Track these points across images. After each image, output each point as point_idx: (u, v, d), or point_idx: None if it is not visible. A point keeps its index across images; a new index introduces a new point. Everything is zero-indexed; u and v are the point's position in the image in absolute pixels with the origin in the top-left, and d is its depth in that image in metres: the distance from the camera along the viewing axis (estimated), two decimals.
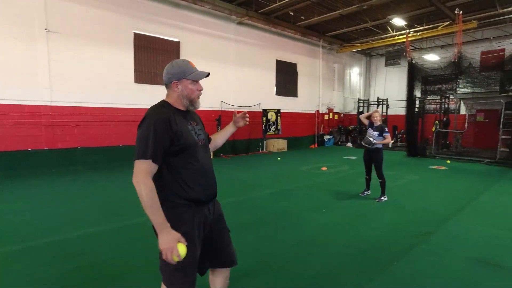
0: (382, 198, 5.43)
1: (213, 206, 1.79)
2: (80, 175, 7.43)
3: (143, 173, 1.48)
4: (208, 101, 10.19)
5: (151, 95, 9.25)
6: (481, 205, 5.22)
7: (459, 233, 3.91)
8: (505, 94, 10.80)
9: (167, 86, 1.69)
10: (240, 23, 11.74)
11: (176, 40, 10.14)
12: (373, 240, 3.67)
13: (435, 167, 9.20)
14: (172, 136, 1.55)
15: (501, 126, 10.53)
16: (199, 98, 1.75)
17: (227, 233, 1.88)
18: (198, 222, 1.65)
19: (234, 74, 11.87)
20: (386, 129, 5.37)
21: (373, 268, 2.99)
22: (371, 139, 5.32)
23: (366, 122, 5.57)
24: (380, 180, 5.42)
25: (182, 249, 1.49)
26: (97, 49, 8.52)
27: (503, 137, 10.50)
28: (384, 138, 5.31)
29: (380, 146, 5.40)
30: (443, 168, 9.04)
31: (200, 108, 1.77)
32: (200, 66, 1.74)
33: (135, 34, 9.24)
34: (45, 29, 7.65)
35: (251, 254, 3.24)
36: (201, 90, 1.73)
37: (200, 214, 1.66)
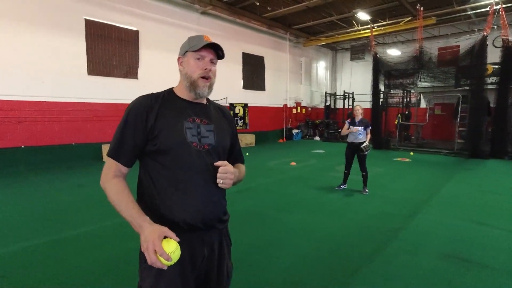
0: (367, 190, 5.47)
1: (213, 238, 1.28)
2: (20, 177, 6.58)
3: (105, 172, 1.19)
4: None
5: (106, 89, 8.35)
6: (444, 197, 5.29)
7: (427, 228, 3.85)
8: (461, 88, 11.35)
9: None
10: (203, 13, 11.17)
11: (134, 29, 9.37)
12: (343, 239, 3.49)
13: (399, 159, 9.41)
14: (147, 132, 1.18)
15: (458, 119, 11.04)
16: (207, 82, 1.24)
17: (225, 280, 1.34)
18: (183, 255, 1.10)
19: None
20: (370, 124, 5.51)
21: (345, 272, 2.79)
22: (361, 138, 5.38)
23: (347, 131, 5.50)
24: (364, 174, 5.48)
25: (170, 246, 1.01)
26: (41, 35, 7.58)
27: (460, 129, 11.03)
28: (367, 133, 5.45)
29: (365, 139, 5.46)
30: (407, 160, 9.27)
31: None
32: (162, 58, 1.34)
33: (86, 20, 8.37)
34: None
35: None
36: (207, 69, 1.22)
37: (185, 245, 1.12)
